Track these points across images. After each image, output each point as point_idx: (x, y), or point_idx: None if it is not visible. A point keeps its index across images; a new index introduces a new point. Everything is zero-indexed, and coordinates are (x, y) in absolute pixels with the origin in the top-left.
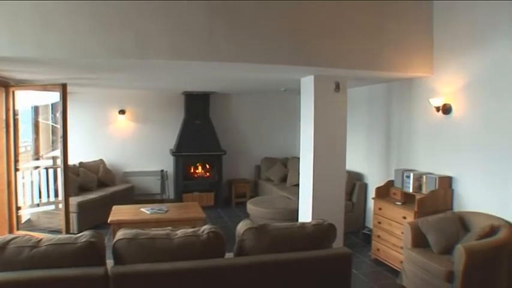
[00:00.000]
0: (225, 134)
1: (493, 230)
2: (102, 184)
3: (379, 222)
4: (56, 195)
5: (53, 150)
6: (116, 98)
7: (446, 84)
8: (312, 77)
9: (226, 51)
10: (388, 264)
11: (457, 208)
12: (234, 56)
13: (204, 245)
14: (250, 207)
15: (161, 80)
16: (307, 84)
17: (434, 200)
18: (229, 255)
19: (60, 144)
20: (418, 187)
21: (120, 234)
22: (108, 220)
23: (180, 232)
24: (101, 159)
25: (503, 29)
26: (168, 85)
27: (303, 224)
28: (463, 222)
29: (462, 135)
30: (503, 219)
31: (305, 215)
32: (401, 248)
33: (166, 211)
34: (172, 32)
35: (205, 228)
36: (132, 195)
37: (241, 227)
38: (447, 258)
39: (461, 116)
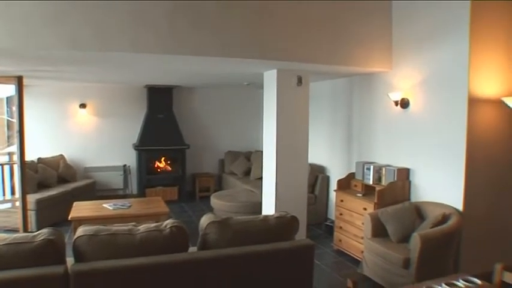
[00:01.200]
0: (188, 128)
1: (444, 218)
2: (62, 180)
3: (341, 214)
4: (13, 192)
5: (9, 145)
6: (77, 91)
7: (404, 80)
8: (274, 71)
9: (189, 45)
10: (350, 254)
11: (413, 198)
12: (197, 50)
13: (167, 239)
14: (214, 201)
15: (123, 73)
16: (270, 78)
17: (393, 191)
18: (193, 249)
19: (16, 140)
20: (378, 179)
21: (81, 230)
22: (69, 217)
23: (143, 227)
24: (61, 155)
25: (455, 28)
26: (130, 78)
27: (266, 216)
28: (419, 212)
29: (418, 128)
30: (453, 208)
31: (268, 208)
32: (362, 238)
33: (129, 206)
34: (133, 24)
35: (168, 222)
36: (94, 191)
37: (204, 220)
38: (404, 246)
39: (418, 110)
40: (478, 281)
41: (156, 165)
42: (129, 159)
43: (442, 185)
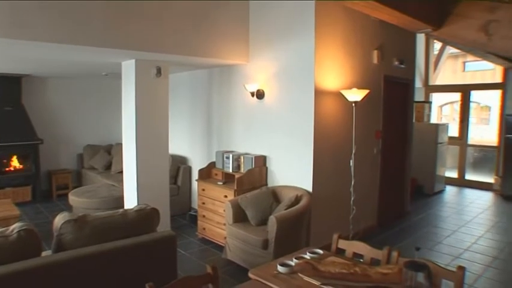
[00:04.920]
0: (41, 122)
1: (297, 200)
2: None
3: (203, 203)
4: None
5: None
6: None
7: (260, 72)
8: (133, 61)
9: (36, 30)
10: (214, 241)
11: (270, 183)
12: (45, 36)
13: (14, 245)
14: (73, 198)
15: None
16: (128, 69)
17: (251, 177)
18: (48, 252)
19: None
20: (237, 167)
21: None
22: None
23: None
24: None
25: (303, 26)
26: None
27: (125, 211)
28: (275, 196)
29: (272, 118)
30: (304, 189)
31: (131, 201)
32: (225, 224)
33: None
34: None
35: (16, 226)
36: None
37: (59, 220)
38: (263, 228)
39: (272, 101)
40: (321, 251)
41: (3, 164)
42: None
43: (295, 170)
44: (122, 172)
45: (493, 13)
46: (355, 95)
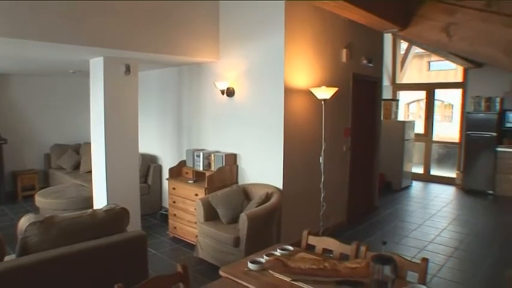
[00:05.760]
0: (5, 120)
1: (268, 197)
2: None
3: (174, 202)
4: None
5: None
6: None
7: (230, 70)
8: (101, 59)
9: (1, 25)
10: (185, 240)
11: (241, 181)
12: (7, 31)
13: None
14: (39, 199)
15: None
16: (96, 66)
17: (222, 175)
18: (12, 256)
19: None
20: (208, 165)
21: None
22: None
23: None
24: None
25: (273, 26)
26: None
27: (94, 211)
28: (246, 193)
29: (243, 116)
30: (275, 187)
31: (100, 201)
32: (196, 223)
33: None
34: None
35: None
36: None
37: (23, 222)
38: (234, 226)
39: (242, 99)
40: (291, 248)
41: None
42: None
43: (265, 167)
44: (90, 172)
45: (452, 16)
46: (325, 93)
